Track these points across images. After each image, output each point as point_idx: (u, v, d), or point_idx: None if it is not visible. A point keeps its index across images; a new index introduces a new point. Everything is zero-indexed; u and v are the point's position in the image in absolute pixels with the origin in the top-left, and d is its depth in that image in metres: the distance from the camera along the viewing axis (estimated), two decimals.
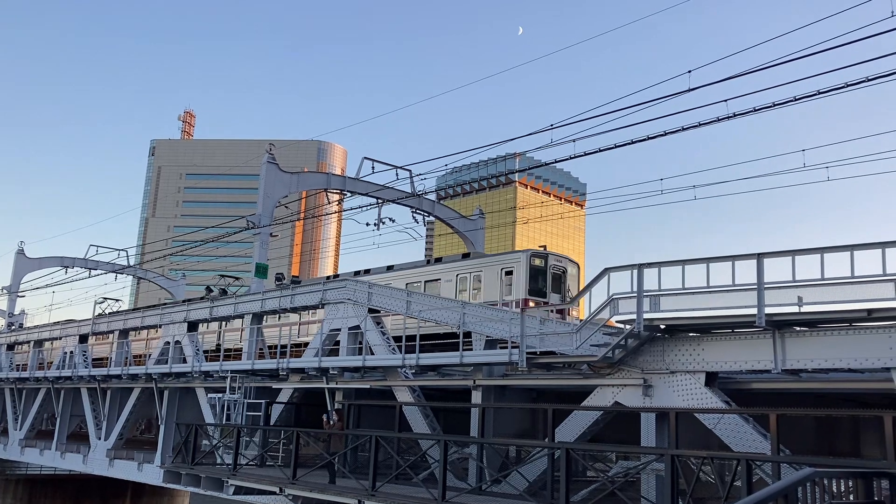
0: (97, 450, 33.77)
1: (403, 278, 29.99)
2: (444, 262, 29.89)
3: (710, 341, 14.32)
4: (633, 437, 15.47)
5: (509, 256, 27.86)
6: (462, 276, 28.51)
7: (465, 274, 28.50)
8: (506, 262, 27.46)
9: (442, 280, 28.87)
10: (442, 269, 29.42)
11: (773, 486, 7.63)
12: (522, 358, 16.52)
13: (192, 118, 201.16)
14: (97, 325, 36.88)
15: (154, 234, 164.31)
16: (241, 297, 28.61)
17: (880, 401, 14.72)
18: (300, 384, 24.18)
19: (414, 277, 29.93)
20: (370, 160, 34.17)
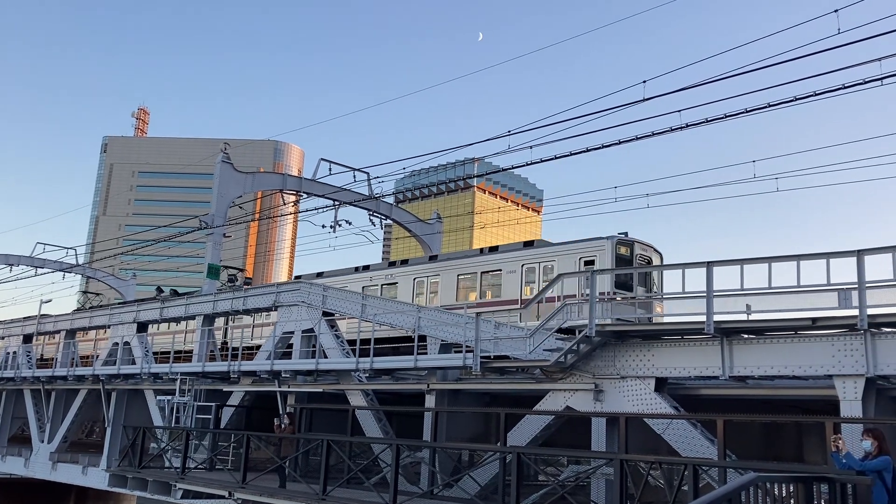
0: (40, 453, 32.89)
1: (452, 270, 28.04)
2: (504, 252, 27.39)
3: (660, 347, 14.52)
4: (584, 442, 15.61)
5: (590, 244, 24.85)
6: (529, 266, 26.00)
7: (532, 264, 25.95)
8: (586, 250, 24.70)
9: (504, 271, 26.49)
10: (503, 258, 26.89)
11: (718, 490, 7.76)
12: (477, 362, 16.56)
13: (145, 115, 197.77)
14: (42, 324, 35.96)
15: (105, 232, 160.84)
16: (193, 298, 28.17)
17: (823, 407, 15.13)
18: (252, 387, 23.90)
19: (466, 269, 27.79)
20: (327, 161, 34.00)
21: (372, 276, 30.52)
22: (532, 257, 26.19)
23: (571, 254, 24.94)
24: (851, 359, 12.16)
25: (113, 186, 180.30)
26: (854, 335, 12.18)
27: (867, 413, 11.96)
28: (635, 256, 24.44)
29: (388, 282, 29.90)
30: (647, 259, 25.05)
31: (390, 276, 30.02)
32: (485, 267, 27.25)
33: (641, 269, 23.86)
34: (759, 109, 17.00)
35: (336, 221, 34.02)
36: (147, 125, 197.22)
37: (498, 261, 26.98)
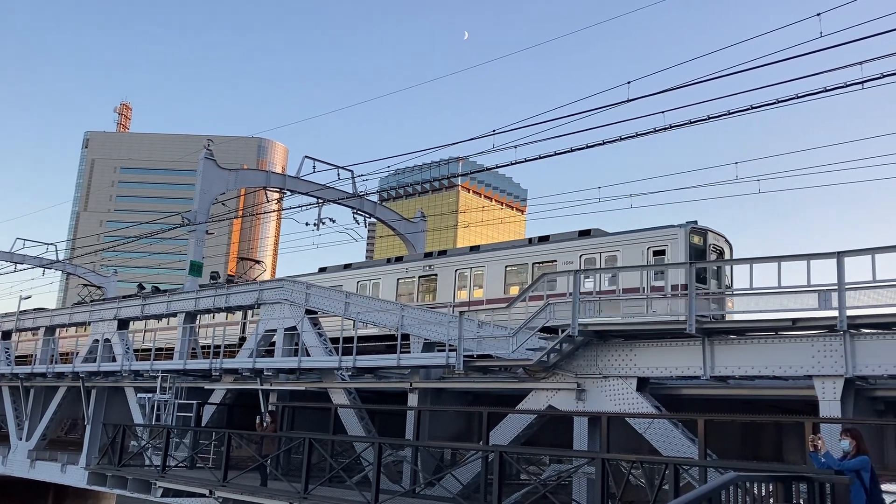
0: (18, 451, 32.55)
1: (499, 260, 26.45)
2: (559, 242, 25.43)
3: (642, 347, 14.59)
4: (566, 441, 15.65)
5: (660, 232, 22.97)
6: (589, 257, 24.26)
7: (592, 254, 24.22)
8: (654, 240, 22.85)
9: (560, 262, 24.68)
10: (558, 248, 25.08)
11: (698, 489, 7.81)
12: (460, 361, 16.56)
13: (128, 111, 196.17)
14: (22, 321, 35.59)
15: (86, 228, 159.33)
16: (175, 295, 27.97)
17: (802, 407, 15.27)
18: (234, 385, 23.78)
19: (514, 259, 26.11)
20: (311, 159, 33.91)
21: (407, 267, 29.39)
22: (592, 247, 24.40)
23: (638, 243, 23.14)
24: (831, 359, 12.28)
25: (94, 182, 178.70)
26: (833, 336, 12.30)
27: (846, 413, 12.09)
28: (708, 246, 22.75)
29: (425, 273, 28.60)
30: (720, 250, 23.37)
31: (429, 268, 28.68)
32: (537, 258, 25.52)
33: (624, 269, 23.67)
34: (742, 111, 17.14)
35: (320, 219, 33.95)
36: (129, 121, 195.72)
37: (552, 251, 25.24)
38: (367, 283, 30.40)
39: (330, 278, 31.16)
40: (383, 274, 29.78)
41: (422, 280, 28.62)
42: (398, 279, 29.01)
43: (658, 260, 22.52)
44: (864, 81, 14.80)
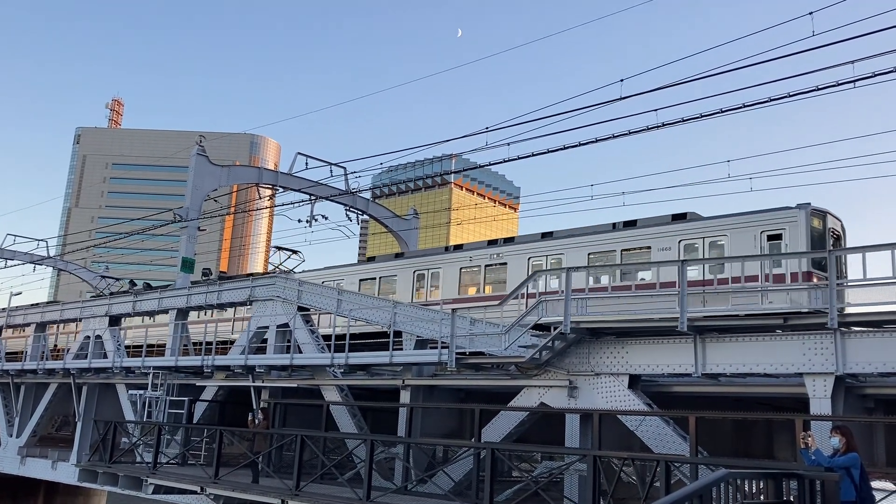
0: (8, 447, 32.42)
1: (580, 248, 24.38)
2: (651, 227, 23.40)
3: (633, 345, 14.63)
4: (558, 438, 15.69)
5: (776, 215, 20.79)
6: (689, 242, 22.21)
7: (693, 240, 22.13)
8: (769, 223, 20.75)
9: (655, 248, 22.82)
10: (651, 234, 23.11)
11: (689, 486, 7.84)
12: (452, 358, 16.57)
13: (119, 106, 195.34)
14: (12, 317, 35.43)
15: (77, 224, 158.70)
16: (166, 292, 27.89)
17: (793, 405, 15.32)
18: (225, 382, 23.72)
19: (599, 247, 24.06)
20: (304, 156, 33.88)
21: (471, 256, 27.93)
22: (693, 232, 22.21)
23: (749, 227, 21.05)
24: (821, 357, 12.33)
25: (86, 178, 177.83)
26: (824, 334, 12.35)
27: (836, 411, 12.15)
28: (828, 230, 20.72)
29: (493, 262, 26.91)
30: (837, 234, 21.44)
31: (497, 256, 27.02)
32: (626, 244, 23.49)
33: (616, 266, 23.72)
34: (735, 109, 17.20)
35: (312, 216, 33.85)
36: (121, 116, 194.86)
37: (645, 237, 23.17)
38: (424, 272, 29.03)
39: (381, 268, 30.59)
40: (443, 263, 28.43)
41: (488, 269, 26.95)
42: (461, 268, 27.59)
43: (773, 246, 20.60)
44: (855, 80, 14.88)
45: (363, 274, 31.53)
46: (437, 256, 29.45)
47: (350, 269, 32.39)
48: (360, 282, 31.28)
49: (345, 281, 31.12)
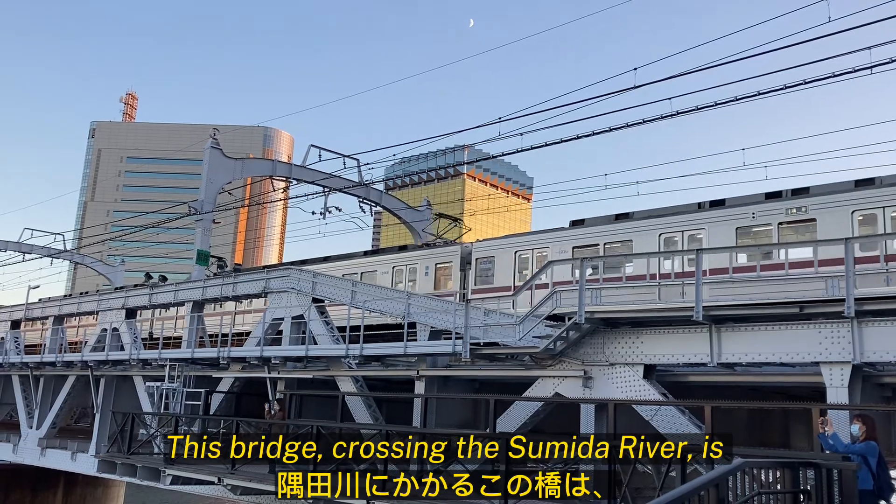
0: (28, 439, 32.80)
1: (726, 222, 21.14)
2: (818, 195, 19.82)
3: (648, 334, 14.58)
4: (573, 428, 15.67)
5: None
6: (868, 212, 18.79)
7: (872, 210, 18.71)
8: None
9: (819, 222, 19.32)
10: (818, 203, 19.62)
11: (705, 475, 7.82)
12: (466, 349, 16.59)
13: (134, 100, 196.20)
14: (31, 310, 35.78)
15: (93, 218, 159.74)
16: (182, 285, 28.06)
17: (809, 394, 15.24)
18: (241, 373, 23.87)
19: (751, 220, 20.73)
20: (317, 148, 33.87)
21: (589, 233, 25.17)
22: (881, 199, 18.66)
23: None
24: (838, 346, 12.25)
25: (101, 172, 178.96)
26: (841, 322, 12.26)
27: (853, 400, 12.07)
28: None
29: (615, 240, 23.89)
30: None
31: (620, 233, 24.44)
32: (783, 216, 20.29)
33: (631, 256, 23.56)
34: (750, 97, 17.06)
35: (326, 208, 33.92)
36: (136, 110, 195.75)
37: (809, 206, 19.80)
38: (528, 253, 26.18)
39: (487, 247, 27.92)
40: (551, 242, 25.40)
41: (607, 248, 24.04)
42: (573, 247, 24.71)
43: None
44: (872, 66, 14.70)
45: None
46: (551, 234, 26.21)
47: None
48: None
49: None
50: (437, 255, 29.27)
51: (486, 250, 27.45)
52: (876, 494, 9.74)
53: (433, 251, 29.81)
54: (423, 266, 29.25)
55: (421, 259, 29.59)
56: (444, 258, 28.85)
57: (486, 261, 27.15)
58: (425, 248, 30.75)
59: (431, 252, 29.76)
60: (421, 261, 29.48)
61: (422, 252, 30.12)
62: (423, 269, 29.17)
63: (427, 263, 29.22)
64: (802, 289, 16.24)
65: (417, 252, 30.36)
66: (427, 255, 29.65)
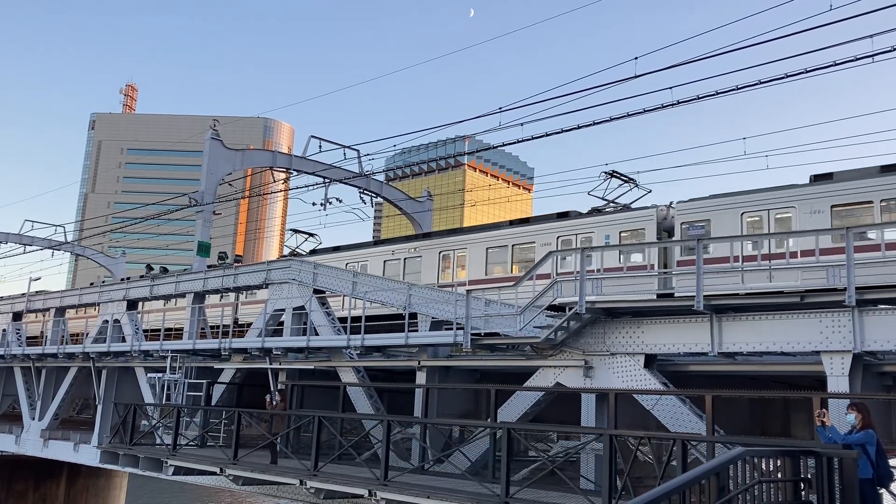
0: (31, 430, 32.90)
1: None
2: None
3: (649, 324, 14.59)
4: (573, 418, 15.72)
5: None
6: None
7: None
8: None
9: None
10: None
11: (705, 464, 7.84)
12: (467, 339, 16.61)
13: (134, 92, 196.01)
14: (32, 302, 35.82)
15: (93, 210, 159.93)
16: (183, 276, 28.08)
17: (810, 383, 15.28)
18: (243, 364, 23.92)
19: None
20: (317, 139, 33.87)
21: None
22: None
23: None
24: (839, 335, 12.26)
25: (101, 163, 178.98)
26: (842, 311, 12.27)
27: (854, 388, 12.09)
28: None
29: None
30: None
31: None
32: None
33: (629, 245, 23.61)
34: (751, 86, 17.02)
35: (326, 199, 33.93)
36: (135, 102, 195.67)
37: None
38: (760, 215, 22.56)
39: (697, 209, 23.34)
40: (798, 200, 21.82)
41: None
42: (831, 206, 21.98)
43: None
44: (874, 55, 14.65)
45: None
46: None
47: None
48: None
49: None
50: (622, 222, 24.07)
51: (697, 212, 22.47)
52: (875, 483, 9.77)
53: (614, 217, 24.71)
54: (602, 235, 24.31)
55: (599, 227, 24.61)
56: (633, 224, 23.78)
57: (697, 226, 22.50)
58: (598, 215, 25.62)
59: (612, 219, 24.68)
60: (598, 229, 24.53)
61: (598, 219, 25.02)
62: (602, 240, 24.24)
63: (607, 232, 24.17)
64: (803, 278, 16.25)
65: (591, 219, 25.19)
66: (606, 223, 24.56)
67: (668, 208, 23.38)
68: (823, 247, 17.14)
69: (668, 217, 23.26)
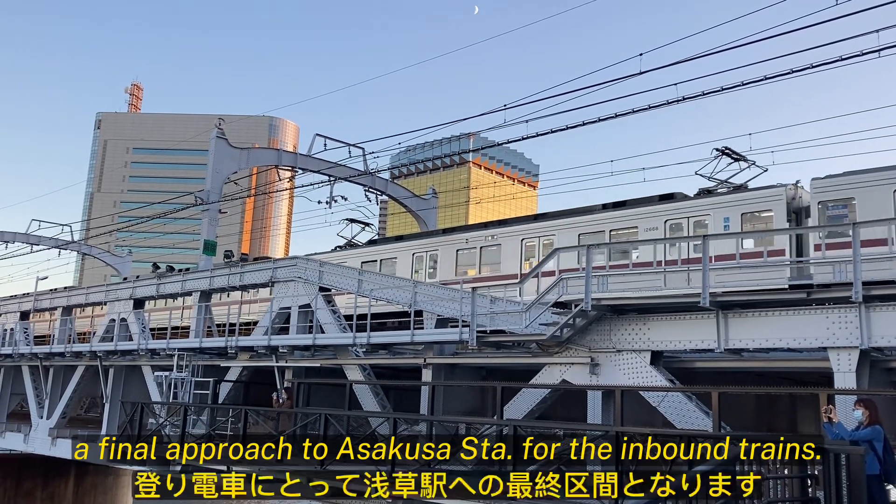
0: (39, 429, 33.04)
1: None
2: None
3: (655, 321, 14.58)
4: (580, 415, 15.71)
5: None
6: None
7: None
8: None
9: None
10: None
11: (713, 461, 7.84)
12: (473, 336, 16.61)
13: (139, 91, 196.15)
14: (39, 301, 35.97)
15: (100, 209, 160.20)
16: (189, 274, 28.16)
17: (817, 379, 15.24)
18: (249, 362, 23.97)
19: None
20: (322, 137, 33.86)
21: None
22: None
23: None
24: (846, 331, 12.23)
25: (107, 163, 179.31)
26: (848, 307, 12.24)
27: (861, 385, 12.07)
28: None
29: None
30: None
31: None
32: None
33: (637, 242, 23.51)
34: (756, 82, 16.96)
35: (332, 197, 33.95)
36: (141, 101, 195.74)
37: None
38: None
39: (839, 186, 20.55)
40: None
41: None
42: None
43: None
44: (880, 49, 14.59)
45: None
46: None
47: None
48: None
49: None
50: (744, 203, 20.92)
51: (839, 189, 19.62)
52: (883, 479, 9.74)
53: (734, 197, 21.41)
54: (719, 218, 21.13)
55: (715, 209, 21.36)
56: (757, 205, 20.78)
57: (838, 205, 19.76)
58: (709, 196, 22.35)
59: (732, 199, 21.36)
60: (715, 211, 21.30)
61: (714, 200, 21.76)
62: (720, 222, 21.11)
63: (726, 214, 21.00)
64: None
65: (705, 201, 21.94)
66: (724, 204, 21.33)
67: (796, 187, 20.94)
68: None
69: (796, 197, 20.76)
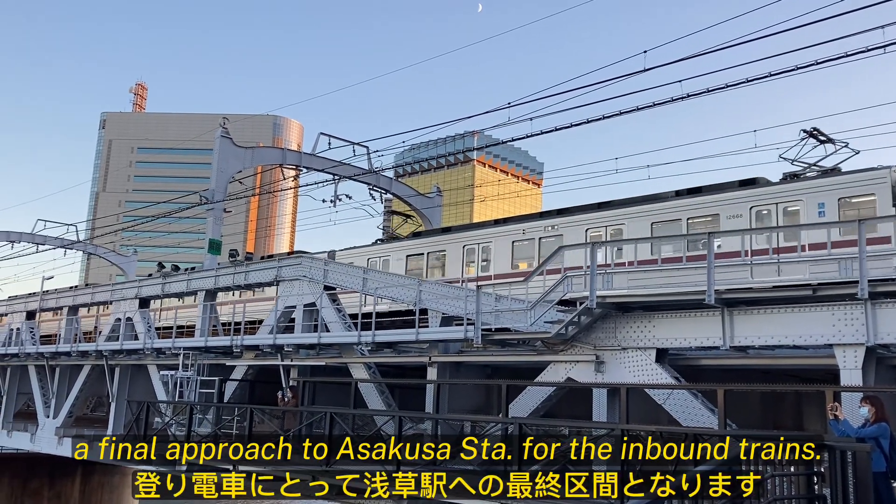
0: (45, 428, 33.16)
1: None
2: None
3: (660, 318, 14.55)
4: (585, 413, 15.70)
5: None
6: None
7: None
8: None
9: None
10: None
11: None
12: (478, 335, 16.61)
13: (143, 91, 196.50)
14: (45, 301, 36.08)
15: (105, 208, 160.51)
16: (194, 274, 28.21)
17: (823, 376, 15.21)
18: (255, 361, 24.01)
19: None
20: (327, 136, 33.88)
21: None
22: None
23: None
24: (852, 328, 12.19)
25: (112, 163, 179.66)
26: (855, 304, 12.20)
27: (867, 382, 12.03)
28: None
29: None
30: None
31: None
32: None
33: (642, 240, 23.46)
34: (761, 79, 16.90)
35: (336, 196, 33.94)
36: (145, 101, 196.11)
37: None
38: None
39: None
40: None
41: None
42: None
43: None
44: (885, 45, 14.53)
45: None
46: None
47: None
48: None
49: None
50: (841, 187, 18.98)
51: None
52: (889, 476, 9.72)
53: (829, 182, 19.48)
54: (813, 204, 19.21)
55: (808, 194, 19.45)
56: (856, 189, 18.73)
57: None
58: (796, 181, 20.49)
59: (826, 183, 19.40)
60: (808, 196, 19.41)
61: (807, 185, 19.86)
62: (814, 209, 19.17)
63: (821, 199, 19.09)
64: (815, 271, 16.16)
65: (796, 185, 20.07)
66: (818, 189, 19.39)
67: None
68: None
69: None
